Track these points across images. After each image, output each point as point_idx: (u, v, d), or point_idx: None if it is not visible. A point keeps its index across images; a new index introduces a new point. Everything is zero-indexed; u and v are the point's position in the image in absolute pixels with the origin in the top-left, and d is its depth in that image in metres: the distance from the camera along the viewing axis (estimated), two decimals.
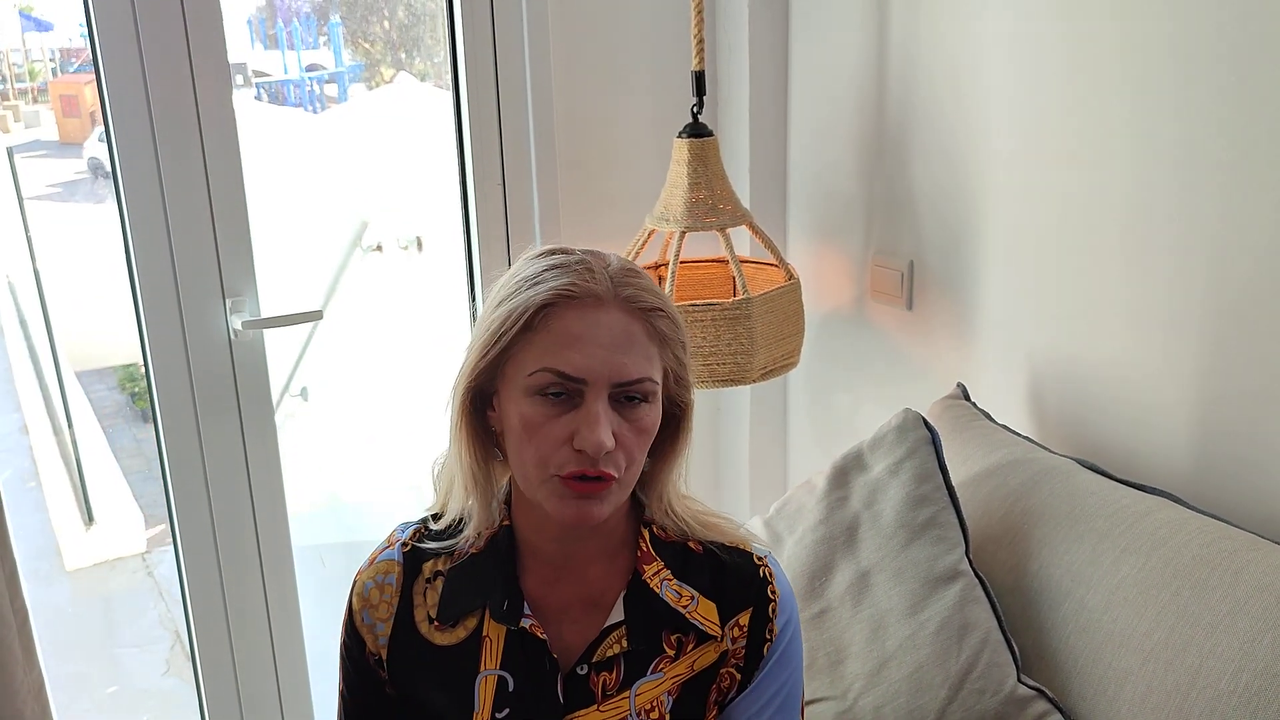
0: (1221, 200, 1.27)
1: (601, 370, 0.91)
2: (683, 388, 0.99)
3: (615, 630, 1.00)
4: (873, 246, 1.81)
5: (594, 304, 0.92)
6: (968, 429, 1.49)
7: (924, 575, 1.30)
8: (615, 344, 0.91)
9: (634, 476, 0.96)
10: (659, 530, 1.03)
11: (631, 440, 0.93)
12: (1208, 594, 1.12)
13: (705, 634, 1.00)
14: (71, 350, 3.79)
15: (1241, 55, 1.22)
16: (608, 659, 0.99)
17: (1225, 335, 1.29)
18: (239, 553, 1.78)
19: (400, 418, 3.46)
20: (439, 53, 1.90)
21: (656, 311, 0.95)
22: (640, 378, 0.92)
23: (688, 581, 1.01)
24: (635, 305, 0.93)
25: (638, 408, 0.93)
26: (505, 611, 0.99)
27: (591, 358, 0.90)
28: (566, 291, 0.92)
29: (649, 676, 1.00)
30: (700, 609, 1.01)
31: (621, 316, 0.93)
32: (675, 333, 0.97)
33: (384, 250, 3.25)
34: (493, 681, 0.99)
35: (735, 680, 1.02)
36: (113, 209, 1.63)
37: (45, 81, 4.05)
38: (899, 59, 1.69)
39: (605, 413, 0.91)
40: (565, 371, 0.91)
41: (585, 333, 0.91)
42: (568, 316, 0.92)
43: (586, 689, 0.99)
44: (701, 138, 1.67)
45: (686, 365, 0.99)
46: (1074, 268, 1.47)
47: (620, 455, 0.92)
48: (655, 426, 0.96)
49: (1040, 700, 1.21)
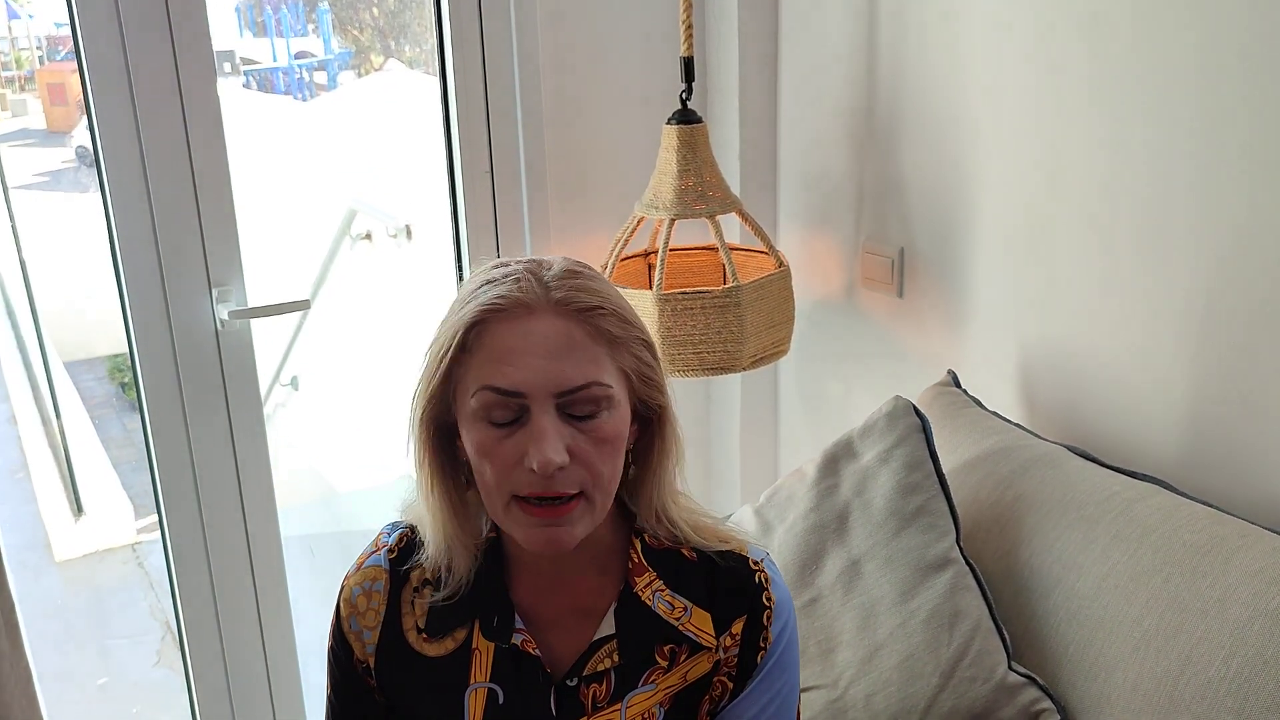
0: (1215, 187, 1.26)
1: (539, 380, 0.86)
2: (653, 389, 0.94)
3: (606, 643, 0.97)
4: (863, 233, 1.81)
5: (525, 313, 0.87)
6: (958, 416, 1.49)
7: (915, 563, 1.30)
8: (551, 351, 0.86)
9: (607, 489, 0.91)
10: (650, 539, 0.99)
11: (590, 452, 0.88)
12: (1198, 580, 1.12)
13: (699, 644, 0.98)
14: (59, 340, 3.77)
15: (1225, 45, 1.21)
16: (598, 672, 0.97)
17: (1216, 322, 1.29)
18: (228, 543, 1.78)
19: (391, 407, 3.45)
20: (428, 39, 1.89)
21: (596, 311, 0.89)
22: (584, 383, 0.87)
23: (681, 591, 0.98)
24: (571, 307, 0.88)
25: (593, 417, 0.88)
26: (496, 628, 0.97)
27: (526, 369, 0.86)
28: (494, 305, 0.87)
29: (640, 689, 0.97)
30: (694, 620, 0.98)
31: (556, 321, 0.87)
32: (626, 330, 0.91)
33: (373, 239, 3.24)
34: (483, 694, 0.97)
35: (727, 689, 1.00)
36: (97, 197, 1.62)
37: (32, 69, 4.03)
38: (889, 45, 1.68)
39: (554, 426, 0.86)
40: (501, 387, 0.86)
41: (518, 344, 0.86)
42: (499, 330, 0.87)
43: (576, 701, 0.97)
44: (690, 124, 1.66)
45: (653, 364, 0.94)
46: (1065, 255, 1.46)
47: (579, 470, 0.87)
48: (619, 434, 0.90)
49: (1031, 687, 1.21)
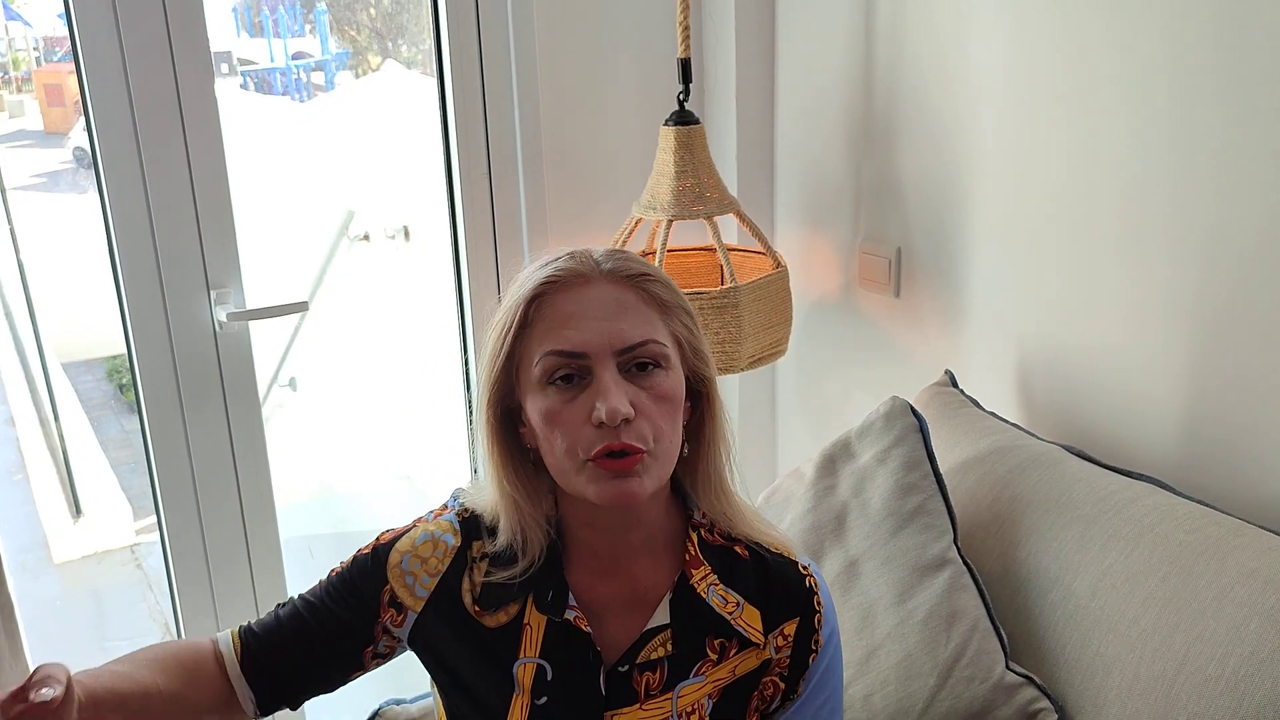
0: (1213, 188, 1.27)
1: (599, 340, 0.91)
2: (701, 360, 0.99)
3: (660, 633, 0.99)
4: (860, 234, 1.81)
5: (581, 283, 0.93)
6: (955, 416, 1.49)
7: (912, 563, 1.30)
8: (608, 313, 0.92)
9: (669, 450, 0.94)
10: (706, 534, 1.02)
11: (653, 409, 0.92)
12: (1195, 579, 1.12)
13: (748, 640, 1.00)
14: (58, 341, 3.77)
15: (1236, 43, 1.21)
16: (651, 660, 0.99)
17: (1214, 322, 1.29)
18: (227, 545, 1.78)
19: (389, 408, 3.45)
20: (425, 39, 1.89)
21: (645, 277, 0.95)
22: (643, 340, 0.92)
23: (734, 587, 1.01)
24: (622, 274, 0.94)
25: (652, 374, 0.93)
26: (550, 602, 0.99)
27: (586, 330, 0.91)
28: (551, 278, 0.94)
29: (691, 679, 0.99)
30: (745, 615, 1.01)
31: (610, 287, 0.94)
32: (675, 298, 0.97)
33: (371, 240, 3.24)
34: (531, 669, 0.99)
35: (779, 689, 1.02)
36: (95, 198, 1.62)
37: (29, 70, 4.02)
38: (886, 45, 1.68)
39: (616, 381, 0.91)
40: (564, 349, 0.91)
41: (576, 309, 0.92)
42: (558, 300, 0.93)
43: (629, 687, 0.99)
44: (688, 125, 1.66)
45: (699, 336, 0.99)
46: (1062, 254, 1.46)
47: (644, 425, 0.91)
48: (677, 394, 0.95)
49: (1028, 687, 1.21)
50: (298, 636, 1.01)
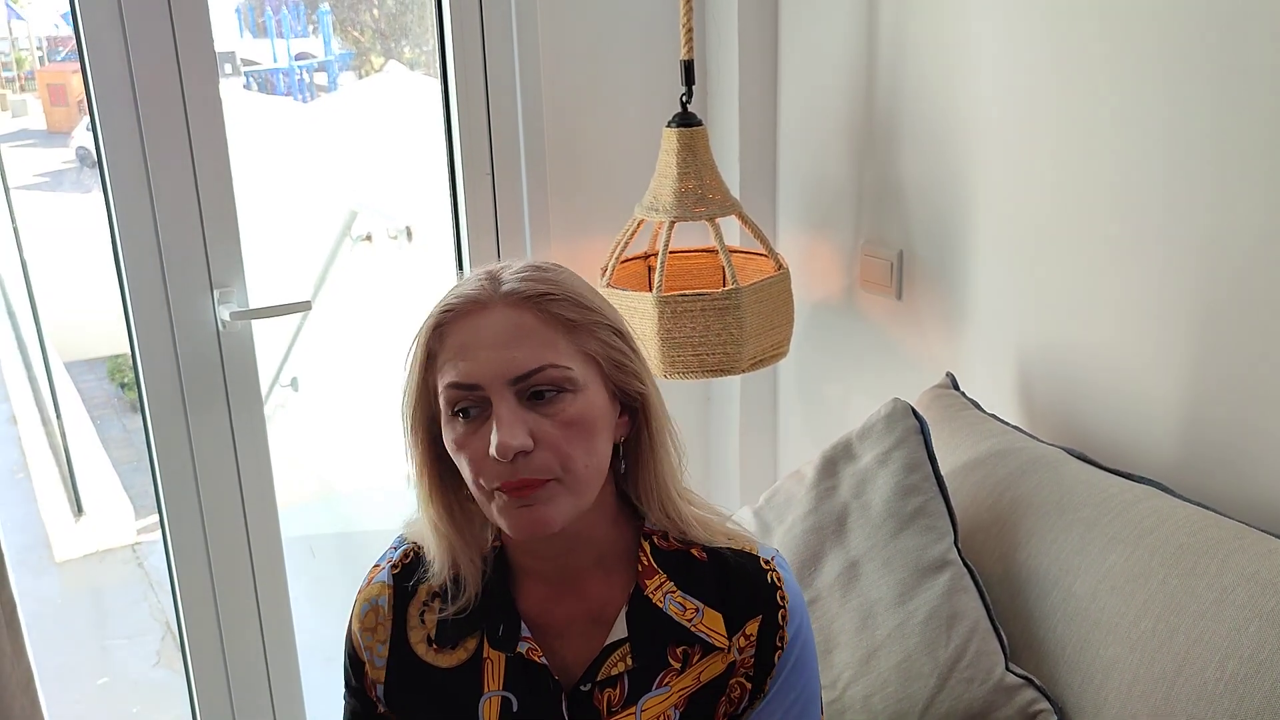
0: (1212, 191, 1.27)
1: (490, 370, 0.88)
2: (628, 375, 0.95)
3: (619, 647, 0.98)
4: (862, 236, 1.81)
5: (477, 310, 0.90)
6: (956, 418, 1.50)
7: (913, 564, 1.30)
8: (501, 341, 0.89)
9: (583, 475, 0.91)
10: (660, 540, 1.00)
11: (556, 436, 0.88)
12: (1195, 582, 1.12)
13: (711, 645, 0.98)
14: (59, 340, 3.77)
15: (1232, 47, 1.22)
16: (612, 676, 0.97)
17: (1214, 325, 1.30)
18: (229, 544, 1.78)
19: (391, 408, 3.45)
20: (428, 40, 1.89)
21: (546, 297, 0.90)
22: (538, 366, 0.88)
23: (692, 593, 0.98)
24: (520, 296, 0.90)
25: (556, 400, 0.89)
26: (501, 637, 0.98)
27: (478, 360, 0.88)
28: (448, 307, 0.91)
29: (655, 691, 0.98)
30: (705, 621, 0.98)
31: (506, 312, 0.90)
32: (584, 315, 0.92)
33: (373, 240, 3.24)
34: (496, 703, 0.98)
35: (746, 690, 1.00)
36: (100, 198, 1.63)
37: (32, 70, 4.03)
38: (889, 48, 1.69)
39: (512, 413, 0.87)
40: (459, 382, 0.89)
41: (470, 339, 0.89)
42: (455, 329, 0.90)
43: (591, 707, 0.97)
44: (690, 127, 1.67)
45: (626, 350, 0.95)
46: (1063, 258, 1.47)
47: (546, 455, 0.88)
48: (587, 417, 0.90)
49: (1028, 688, 1.21)
50: None
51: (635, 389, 0.95)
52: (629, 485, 1.00)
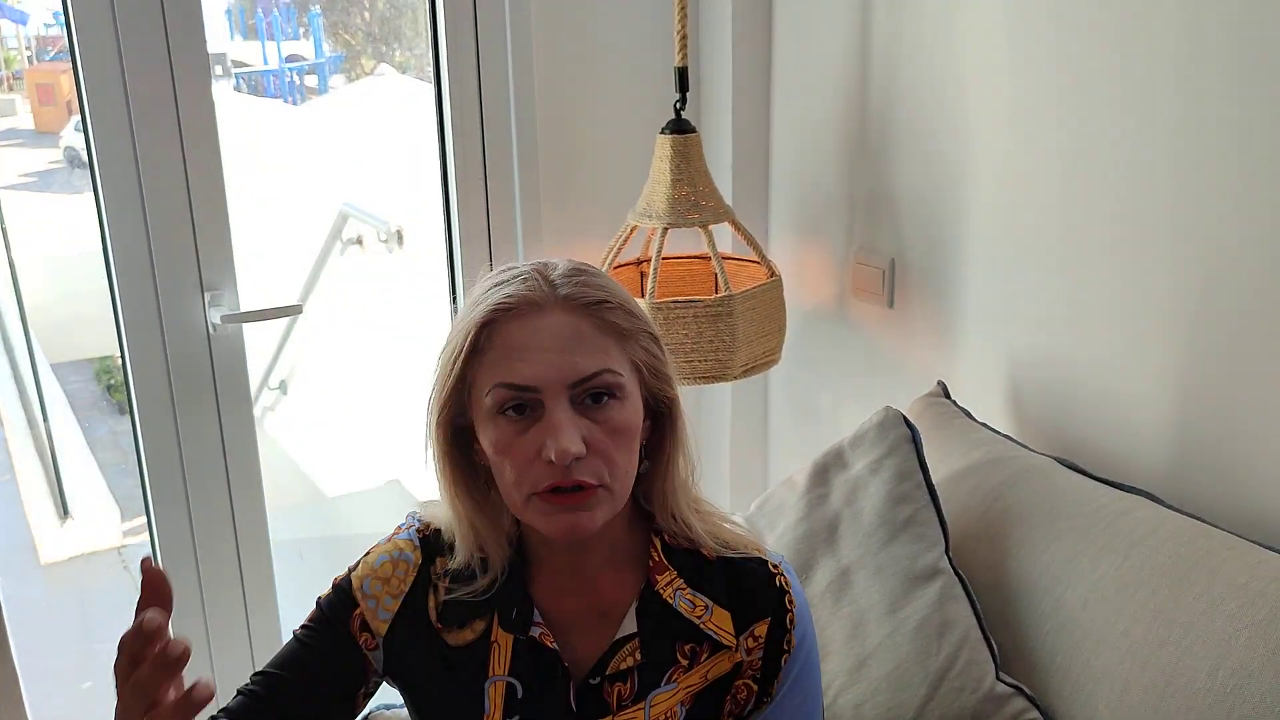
0: (1202, 202, 1.27)
1: (551, 374, 0.88)
2: (663, 382, 0.96)
3: (628, 642, 0.98)
4: (854, 244, 1.82)
5: (534, 311, 0.90)
6: (948, 427, 1.50)
7: (904, 573, 1.30)
8: (561, 345, 0.89)
9: (624, 481, 0.92)
10: (670, 537, 1.00)
11: (607, 442, 0.90)
12: (1185, 592, 1.12)
13: (719, 643, 0.99)
14: (46, 342, 3.75)
15: (1232, 57, 1.22)
16: (621, 671, 0.98)
17: (1205, 335, 1.30)
18: (217, 548, 1.77)
19: (379, 412, 3.44)
20: (419, 44, 1.89)
21: (603, 305, 0.91)
22: (596, 371, 0.89)
23: (701, 590, 0.99)
24: (577, 302, 0.91)
25: (606, 406, 0.90)
26: (515, 620, 0.98)
27: (539, 364, 0.88)
28: (503, 304, 0.90)
29: (663, 687, 0.98)
30: (714, 619, 0.99)
31: (564, 316, 0.90)
32: (633, 323, 0.93)
33: (364, 244, 3.23)
34: (501, 688, 0.98)
35: (752, 692, 1.01)
36: (87, 199, 1.62)
37: (21, 69, 4.00)
38: (882, 56, 1.69)
39: (569, 418, 0.88)
40: (515, 383, 0.89)
41: (529, 340, 0.89)
42: (510, 328, 0.90)
43: (600, 700, 0.97)
44: (684, 134, 1.67)
45: (662, 358, 0.96)
46: (1055, 268, 1.47)
47: (597, 460, 0.89)
48: (632, 424, 0.92)
49: (1018, 698, 1.21)
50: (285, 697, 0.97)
51: (667, 395, 0.97)
52: (644, 488, 1.00)
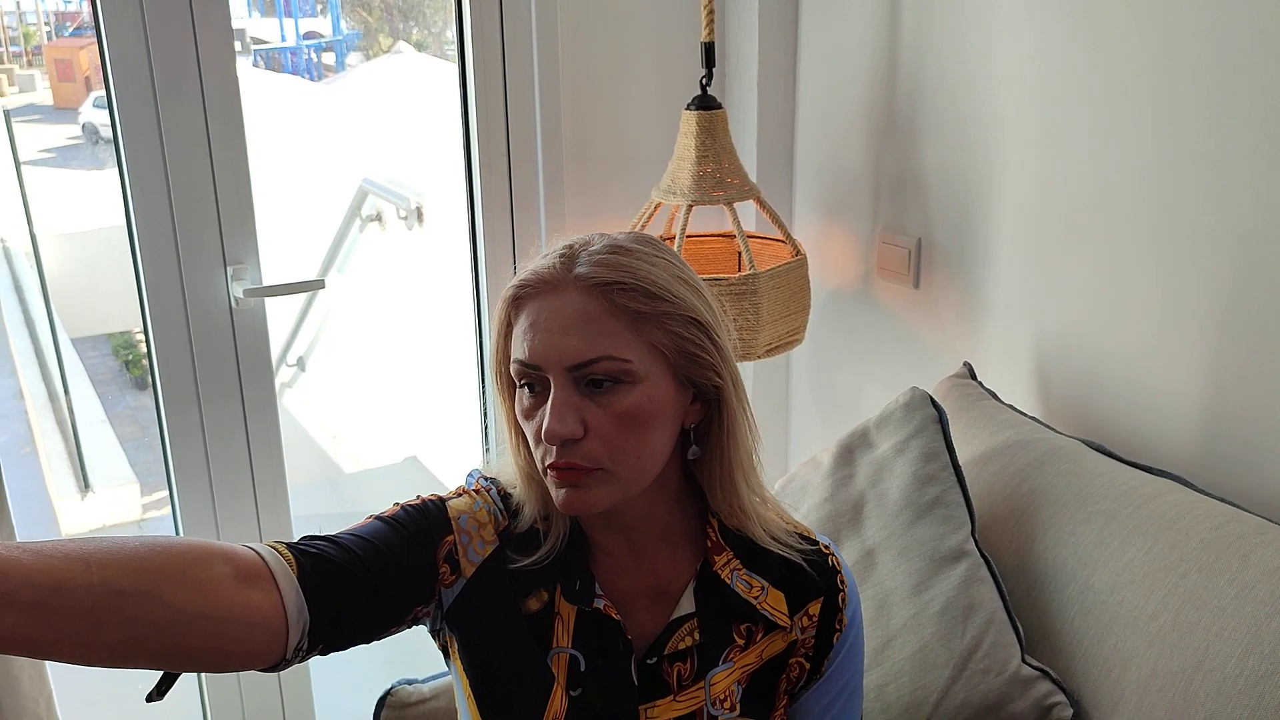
0: (1227, 181, 1.26)
1: (549, 354, 0.89)
2: (702, 367, 0.92)
3: (686, 622, 0.98)
4: (880, 223, 1.80)
5: (549, 290, 0.90)
6: (974, 408, 1.49)
7: (929, 554, 1.30)
8: (564, 326, 0.89)
9: (633, 465, 0.91)
10: (727, 518, 1.00)
11: (609, 427, 0.89)
12: (1215, 577, 1.12)
13: (774, 623, 1.00)
14: (66, 316, 3.77)
15: (1264, 37, 1.21)
16: (680, 651, 0.98)
17: (1234, 317, 1.29)
18: (238, 524, 1.78)
19: (398, 388, 3.45)
20: (437, 22, 1.88)
21: (615, 286, 0.89)
22: (595, 357, 0.88)
23: (757, 571, 1.00)
24: (589, 282, 0.89)
25: (611, 391, 0.89)
26: (578, 592, 0.97)
27: (542, 344, 0.89)
28: (524, 283, 0.92)
29: (721, 666, 0.99)
30: (770, 599, 1.00)
31: (576, 297, 0.89)
32: (655, 305, 0.90)
33: (383, 220, 3.23)
34: (565, 660, 0.97)
35: (804, 669, 1.02)
36: (107, 174, 1.62)
37: (40, 45, 4.01)
38: (910, 33, 1.67)
39: (564, 400, 0.88)
40: (522, 359, 0.90)
41: (538, 319, 0.90)
42: (530, 306, 0.91)
43: (660, 679, 0.98)
44: (710, 110, 1.65)
45: (703, 341, 0.92)
46: (1084, 249, 1.46)
47: (595, 443, 0.89)
48: (643, 410, 0.90)
49: (1044, 681, 1.21)
50: (358, 567, 0.89)
51: (710, 381, 0.94)
52: (696, 468, 0.99)
